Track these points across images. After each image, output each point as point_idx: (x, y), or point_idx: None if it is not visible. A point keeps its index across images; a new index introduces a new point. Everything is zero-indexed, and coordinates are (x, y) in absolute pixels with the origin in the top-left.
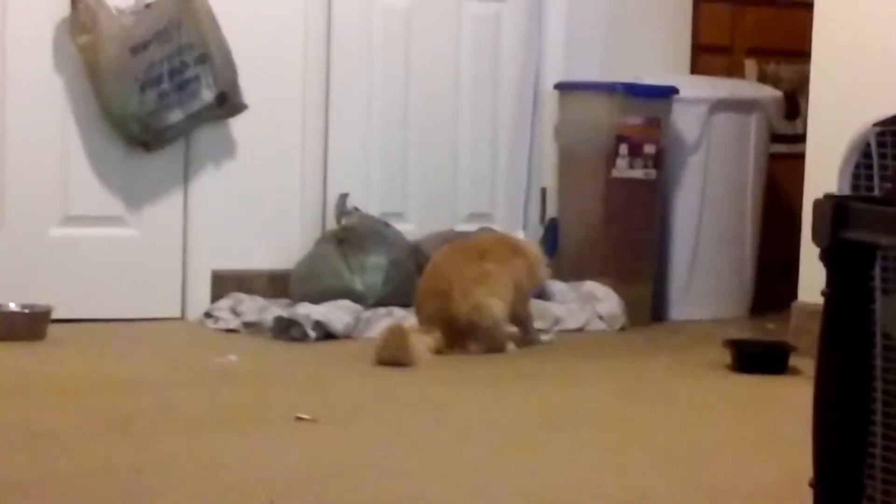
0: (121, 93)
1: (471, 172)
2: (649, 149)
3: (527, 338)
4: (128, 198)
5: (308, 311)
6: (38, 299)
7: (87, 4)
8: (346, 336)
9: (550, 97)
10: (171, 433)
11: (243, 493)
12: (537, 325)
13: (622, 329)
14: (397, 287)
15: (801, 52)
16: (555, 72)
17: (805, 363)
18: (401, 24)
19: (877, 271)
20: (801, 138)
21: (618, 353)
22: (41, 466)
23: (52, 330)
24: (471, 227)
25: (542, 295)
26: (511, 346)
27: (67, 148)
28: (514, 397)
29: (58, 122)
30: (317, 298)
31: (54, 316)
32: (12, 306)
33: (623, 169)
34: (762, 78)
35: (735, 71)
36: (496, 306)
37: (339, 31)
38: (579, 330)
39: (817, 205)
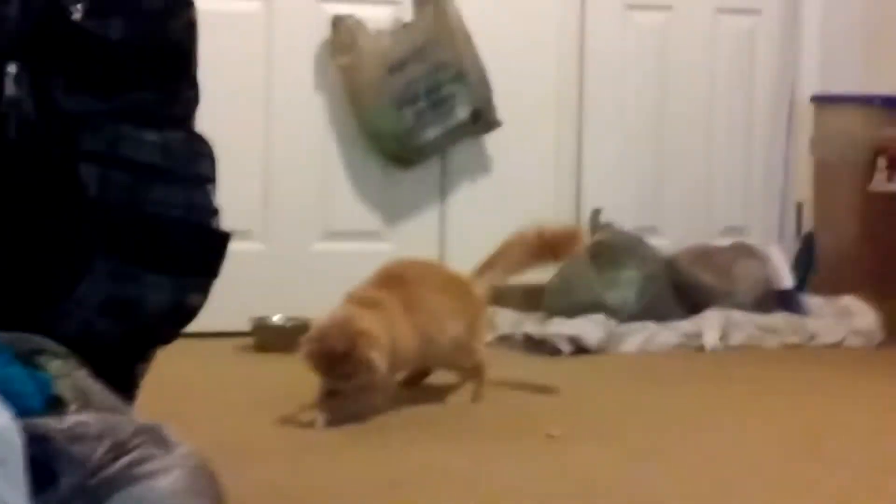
0: (379, 111)
1: (726, 186)
2: None
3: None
4: (385, 213)
5: (559, 327)
6: (299, 312)
7: (347, 26)
8: (600, 350)
9: (806, 110)
10: (426, 446)
11: None
12: None
13: (880, 345)
14: (651, 301)
15: None
16: (811, 84)
17: None
18: (655, 39)
19: None
20: None
21: (877, 371)
22: (305, 477)
23: None
24: (726, 240)
25: (799, 310)
26: None
27: (328, 166)
28: (770, 415)
29: (319, 141)
30: (570, 312)
31: None
32: (275, 319)
33: (881, 182)
34: None
35: None
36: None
37: (592, 47)
38: (836, 345)
39: None
